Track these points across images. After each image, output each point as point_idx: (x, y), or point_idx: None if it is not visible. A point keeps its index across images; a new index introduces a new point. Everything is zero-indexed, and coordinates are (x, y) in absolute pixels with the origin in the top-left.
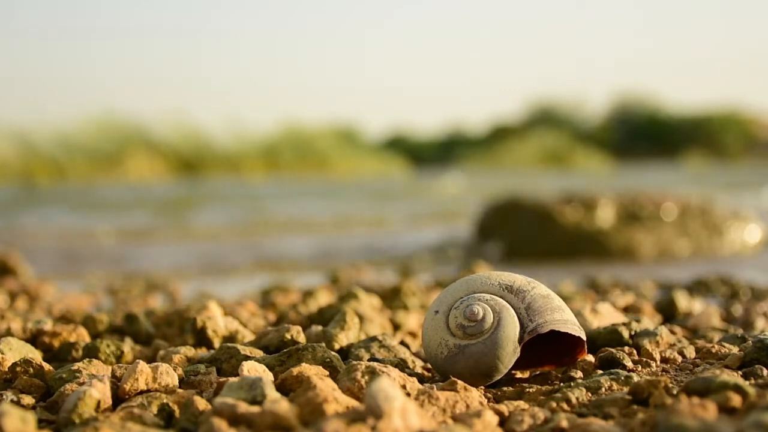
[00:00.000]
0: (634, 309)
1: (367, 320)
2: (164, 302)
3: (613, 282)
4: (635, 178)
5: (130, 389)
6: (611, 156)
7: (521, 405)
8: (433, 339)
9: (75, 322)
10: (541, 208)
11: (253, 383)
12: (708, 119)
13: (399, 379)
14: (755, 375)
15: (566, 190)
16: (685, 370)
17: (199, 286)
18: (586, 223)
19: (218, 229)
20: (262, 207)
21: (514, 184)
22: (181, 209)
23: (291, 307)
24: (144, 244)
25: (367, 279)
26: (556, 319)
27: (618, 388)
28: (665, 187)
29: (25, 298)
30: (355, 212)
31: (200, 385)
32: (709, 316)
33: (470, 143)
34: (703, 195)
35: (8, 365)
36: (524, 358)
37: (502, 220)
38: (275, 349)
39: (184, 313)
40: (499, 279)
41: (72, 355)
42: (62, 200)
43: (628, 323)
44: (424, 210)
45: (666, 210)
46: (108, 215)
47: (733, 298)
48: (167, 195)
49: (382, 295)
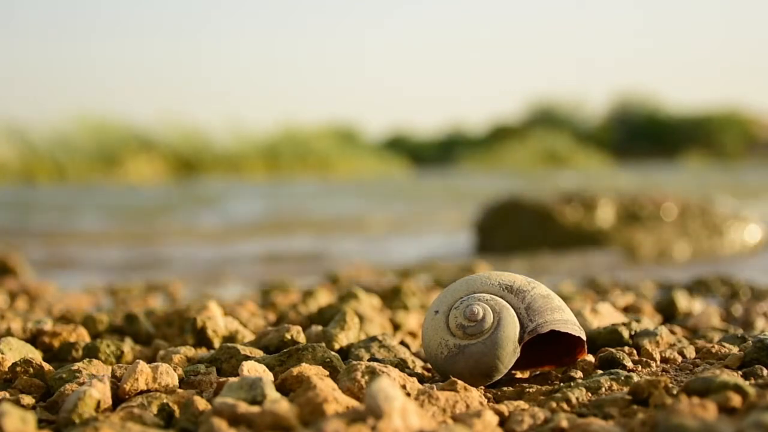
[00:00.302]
0: (634, 309)
1: (367, 320)
2: (164, 302)
3: (613, 282)
4: (636, 177)
5: (130, 389)
6: (611, 156)
7: (521, 405)
8: (433, 339)
9: (75, 322)
10: (541, 208)
11: (253, 383)
12: (708, 119)
13: (399, 379)
14: (755, 375)
15: (566, 190)
16: (685, 370)
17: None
18: (586, 223)
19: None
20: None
21: (514, 184)
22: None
23: (291, 307)
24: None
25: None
26: (556, 319)
27: (618, 388)
28: (666, 186)
29: (25, 298)
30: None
31: (200, 385)
32: (709, 316)
33: (470, 143)
34: (704, 196)
35: (8, 365)
36: (524, 358)
37: (502, 220)
38: (275, 349)
39: (184, 313)
40: (499, 279)
41: (72, 355)
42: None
43: (628, 323)
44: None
45: (666, 210)
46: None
47: (733, 298)
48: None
49: (382, 295)
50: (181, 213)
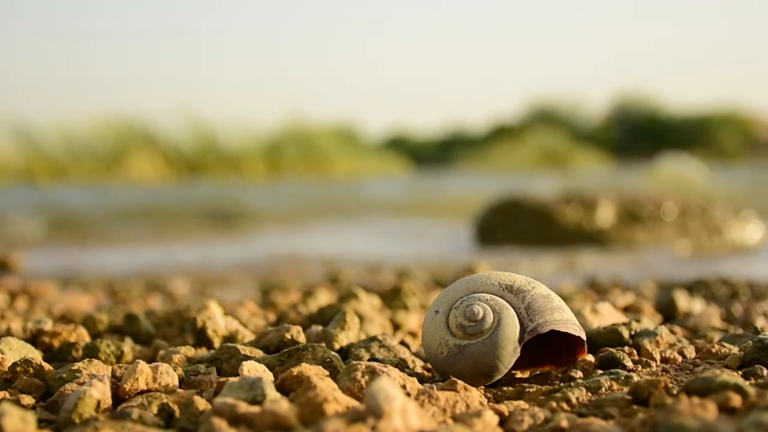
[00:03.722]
0: (634, 309)
1: (367, 320)
2: (164, 302)
3: (614, 282)
4: (636, 177)
5: (130, 389)
6: (611, 156)
7: (521, 405)
8: (433, 339)
9: (75, 322)
10: (541, 208)
11: (253, 383)
12: (708, 119)
13: (399, 379)
14: (755, 375)
15: (566, 190)
16: (685, 370)
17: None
18: (586, 222)
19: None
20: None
21: (514, 184)
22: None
23: (291, 307)
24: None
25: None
26: (556, 318)
27: (618, 388)
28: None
29: (25, 298)
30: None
31: (200, 385)
32: (709, 316)
33: (470, 143)
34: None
35: (8, 365)
36: (524, 358)
37: (502, 220)
38: (275, 349)
39: (184, 313)
40: (499, 279)
41: (72, 355)
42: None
43: (628, 323)
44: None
45: (666, 210)
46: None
47: (733, 298)
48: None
49: (382, 295)
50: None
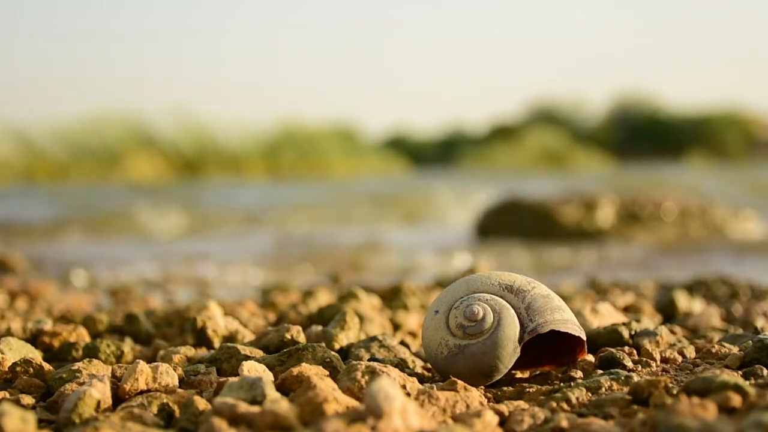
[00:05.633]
0: (634, 309)
1: (367, 320)
2: (164, 302)
3: (613, 282)
4: (637, 177)
5: (130, 389)
6: (611, 156)
7: (521, 405)
8: (433, 339)
9: (75, 322)
10: (541, 208)
11: (253, 383)
12: (708, 119)
13: (399, 379)
14: (755, 375)
15: (566, 190)
16: (685, 370)
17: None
18: (586, 222)
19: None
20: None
21: (513, 183)
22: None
23: (291, 307)
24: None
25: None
26: (556, 318)
27: (618, 388)
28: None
29: (25, 298)
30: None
31: (200, 385)
32: (709, 316)
33: (470, 143)
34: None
35: (8, 365)
36: (524, 358)
37: (502, 220)
38: (275, 349)
39: (184, 313)
40: (499, 279)
41: (72, 355)
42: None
43: (628, 323)
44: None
45: (666, 210)
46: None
47: (733, 298)
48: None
49: (382, 295)
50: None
